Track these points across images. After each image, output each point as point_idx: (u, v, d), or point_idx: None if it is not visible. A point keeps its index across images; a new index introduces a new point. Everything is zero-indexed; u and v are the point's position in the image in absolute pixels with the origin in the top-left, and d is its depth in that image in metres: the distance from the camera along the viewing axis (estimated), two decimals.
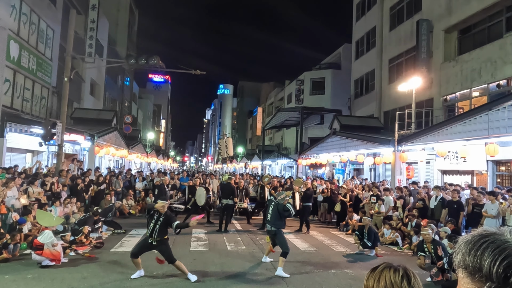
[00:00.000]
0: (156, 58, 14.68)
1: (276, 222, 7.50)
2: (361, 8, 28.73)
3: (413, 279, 1.15)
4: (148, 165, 39.97)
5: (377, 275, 1.17)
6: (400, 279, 1.14)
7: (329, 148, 20.98)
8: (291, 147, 39.22)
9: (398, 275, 1.15)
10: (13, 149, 15.29)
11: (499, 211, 8.80)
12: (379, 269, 1.19)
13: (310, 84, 37.15)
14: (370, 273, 1.20)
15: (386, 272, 1.16)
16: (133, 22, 46.07)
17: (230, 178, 12.79)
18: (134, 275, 6.42)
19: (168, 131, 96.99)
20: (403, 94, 18.88)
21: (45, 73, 18.81)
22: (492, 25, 16.06)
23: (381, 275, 1.16)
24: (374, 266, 1.22)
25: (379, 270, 1.18)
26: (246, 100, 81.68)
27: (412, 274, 1.16)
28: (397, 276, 1.14)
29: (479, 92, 16.31)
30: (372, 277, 1.18)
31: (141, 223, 12.43)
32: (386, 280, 1.15)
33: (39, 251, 6.91)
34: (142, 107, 57.53)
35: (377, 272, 1.18)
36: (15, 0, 15.44)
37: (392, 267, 1.17)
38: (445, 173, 15.31)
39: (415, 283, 1.15)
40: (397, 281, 1.14)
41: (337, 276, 7.08)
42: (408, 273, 1.15)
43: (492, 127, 10.22)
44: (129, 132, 29.04)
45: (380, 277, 1.16)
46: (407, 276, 1.15)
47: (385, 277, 1.15)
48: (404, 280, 1.14)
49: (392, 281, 1.14)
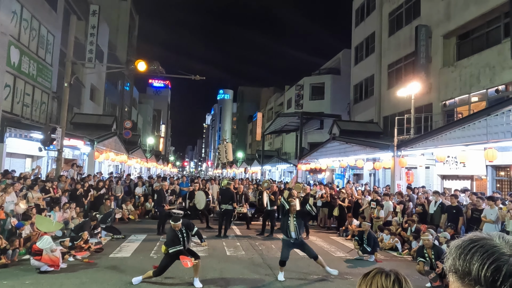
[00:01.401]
0: (156, 63, 14.77)
1: (301, 230, 7.58)
2: (360, 14, 28.90)
3: (404, 284, 1.16)
4: (148, 170, 39.98)
5: (369, 280, 1.18)
6: (391, 284, 1.15)
7: (329, 153, 20.99)
8: (290, 152, 39.24)
9: (389, 280, 1.16)
10: (13, 154, 15.30)
11: (498, 216, 8.79)
12: (371, 275, 1.20)
13: (309, 89, 37.25)
14: (362, 278, 1.22)
15: (378, 277, 1.17)
16: (133, 27, 46.30)
17: (229, 183, 12.79)
18: (135, 280, 6.41)
19: (168, 136, 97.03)
20: (402, 99, 18.94)
21: (46, 78, 18.87)
22: (490, 30, 16.15)
23: (373, 280, 1.18)
24: (366, 272, 1.23)
25: (371, 276, 1.19)
26: (245, 105, 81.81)
27: (404, 279, 1.17)
28: (389, 281, 1.16)
29: (478, 97, 16.36)
30: (364, 283, 1.19)
31: (140, 228, 12.43)
32: (378, 285, 1.16)
33: (37, 257, 6.89)
34: (142, 112, 57.65)
35: (369, 277, 1.19)
36: (16, 6, 15.54)
37: (383, 272, 1.19)
38: (444, 178, 15.31)
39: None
40: (388, 286, 1.15)
41: (337, 282, 7.06)
42: (400, 278, 1.16)
43: (491, 132, 10.24)
44: (129, 137, 29.07)
45: (372, 283, 1.17)
46: (398, 281, 1.16)
47: (376, 282, 1.16)
48: (396, 285, 1.15)
49: (384, 286, 1.15)
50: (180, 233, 6.46)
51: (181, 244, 6.41)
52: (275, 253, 9.35)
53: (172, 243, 6.37)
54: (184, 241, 6.45)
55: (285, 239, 7.37)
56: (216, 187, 16.44)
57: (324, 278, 7.28)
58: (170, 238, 6.48)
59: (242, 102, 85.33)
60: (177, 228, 6.45)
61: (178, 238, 6.42)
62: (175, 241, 6.39)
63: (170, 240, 6.42)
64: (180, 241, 6.41)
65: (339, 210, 13.58)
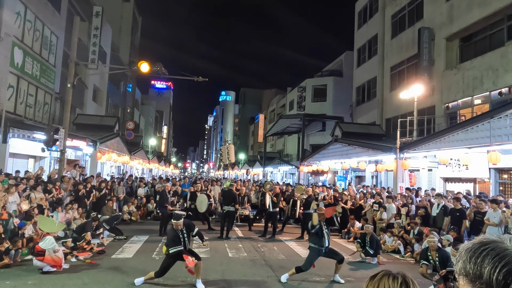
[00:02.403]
0: (159, 64, 14.77)
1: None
2: (363, 16, 28.88)
3: (412, 286, 1.15)
4: (150, 171, 40.00)
5: (376, 283, 1.18)
6: (399, 287, 1.14)
7: (331, 155, 20.96)
8: (292, 154, 39.20)
9: (397, 282, 1.15)
10: (16, 155, 15.34)
11: (501, 219, 8.75)
12: (378, 277, 1.19)
13: (312, 91, 37.23)
14: (370, 280, 1.21)
15: (385, 279, 1.17)
16: (136, 29, 46.42)
17: (231, 185, 12.78)
18: (137, 281, 6.41)
19: (170, 137, 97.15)
20: (405, 101, 18.90)
21: (49, 79, 18.93)
22: (493, 33, 16.11)
23: (380, 282, 1.17)
24: (373, 274, 1.22)
25: (378, 278, 1.19)
26: (248, 107, 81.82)
27: (411, 281, 1.17)
28: (396, 283, 1.15)
29: (481, 100, 16.31)
30: (372, 285, 1.18)
31: (142, 229, 12.44)
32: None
33: (40, 257, 6.90)
34: (144, 113, 57.75)
35: (376, 280, 1.19)
36: (20, 7, 15.61)
37: (391, 274, 1.18)
38: (447, 180, 15.27)
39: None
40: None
41: (339, 284, 7.04)
42: (407, 281, 1.16)
43: (494, 135, 10.21)
44: (131, 138, 29.10)
45: (379, 285, 1.17)
46: (406, 283, 1.15)
47: (384, 284, 1.16)
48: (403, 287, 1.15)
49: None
50: (180, 233, 6.44)
51: (182, 244, 6.39)
52: (277, 255, 9.33)
53: (173, 243, 6.35)
54: (184, 241, 6.44)
55: (316, 247, 7.09)
56: (218, 189, 16.43)
57: (327, 280, 7.26)
58: (170, 238, 6.46)
59: (244, 103, 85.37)
60: (179, 226, 6.42)
61: (179, 238, 6.40)
62: (176, 241, 6.37)
63: (171, 240, 6.41)
64: (181, 241, 6.40)
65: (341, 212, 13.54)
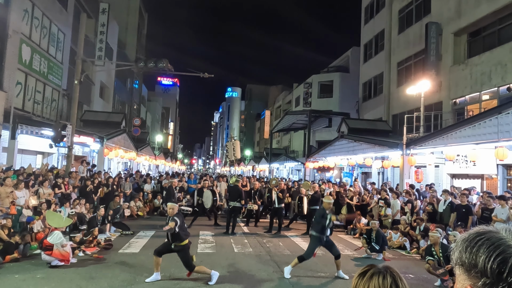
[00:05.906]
0: (165, 61, 14.82)
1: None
2: (369, 11, 28.67)
3: (401, 284, 1.18)
4: (156, 167, 40.22)
5: (366, 283, 1.19)
6: (389, 287, 1.17)
7: (337, 151, 20.91)
8: (298, 150, 39.15)
9: (387, 283, 1.17)
10: (24, 151, 15.53)
11: (509, 215, 8.69)
12: (367, 276, 1.20)
13: (318, 87, 37.09)
14: (359, 279, 1.22)
15: (375, 279, 1.18)
16: (142, 25, 46.54)
17: (237, 181, 12.82)
18: (150, 279, 6.36)
19: (176, 134, 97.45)
20: (412, 97, 18.78)
21: (56, 76, 19.09)
22: (502, 28, 15.92)
23: (370, 283, 1.18)
24: (362, 271, 1.23)
25: (367, 277, 1.20)
26: (254, 103, 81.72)
27: (400, 278, 1.18)
28: (386, 284, 1.17)
29: (489, 96, 16.15)
30: (361, 285, 1.20)
31: (149, 224, 12.54)
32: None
33: (48, 252, 7.01)
34: (150, 109, 57.99)
35: (366, 279, 1.20)
36: (27, 5, 15.73)
37: (380, 273, 1.19)
38: (454, 177, 15.17)
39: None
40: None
41: (344, 280, 7.05)
42: (396, 280, 1.18)
43: (502, 131, 10.11)
44: (138, 135, 29.29)
45: (369, 286, 1.18)
46: (395, 283, 1.17)
47: (374, 285, 1.17)
48: (393, 286, 1.17)
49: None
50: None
51: (167, 237, 6.46)
52: (283, 250, 9.36)
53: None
54: (168, 235, 6.46)
55: (318, 236, 7.20)
56: (224, 185, 16.51)
57: (331, 276, 7.27)
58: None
59: (250, 100, 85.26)
60: (169, 211, 6.47)
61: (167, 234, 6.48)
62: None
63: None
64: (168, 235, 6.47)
65: (347, 208, 13.54)
